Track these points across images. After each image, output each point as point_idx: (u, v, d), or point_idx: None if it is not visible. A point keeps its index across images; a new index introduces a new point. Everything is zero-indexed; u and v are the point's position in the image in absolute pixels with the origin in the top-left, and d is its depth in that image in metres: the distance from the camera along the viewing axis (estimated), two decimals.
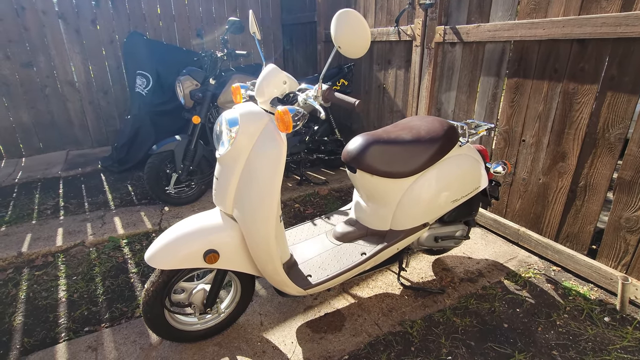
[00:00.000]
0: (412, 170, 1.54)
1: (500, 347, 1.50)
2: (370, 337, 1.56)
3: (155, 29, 4.46)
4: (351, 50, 1.05)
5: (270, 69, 1.25)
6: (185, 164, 2.70)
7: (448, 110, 2.61)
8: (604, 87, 1.71)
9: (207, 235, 1.29)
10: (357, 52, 1.05)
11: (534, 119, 2.04)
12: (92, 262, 2.13)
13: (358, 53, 1.05)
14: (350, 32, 1.01)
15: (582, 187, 1.87)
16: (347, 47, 1.04)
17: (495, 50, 2.17)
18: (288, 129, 1.08)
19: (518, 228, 2.20)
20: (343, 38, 1.02)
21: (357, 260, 1.55)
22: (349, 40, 1.02)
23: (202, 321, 1.52)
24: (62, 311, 1.74)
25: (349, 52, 1.06)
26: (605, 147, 1.74)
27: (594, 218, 1.85)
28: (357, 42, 1.02)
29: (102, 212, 2.74)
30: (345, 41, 1.03)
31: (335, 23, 1.02)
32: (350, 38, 1.02)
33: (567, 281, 1.89)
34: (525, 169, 2.13)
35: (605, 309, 1.68)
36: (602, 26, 1.62)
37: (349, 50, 1.05)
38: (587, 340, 1.52)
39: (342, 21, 1.01)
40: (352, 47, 1.04)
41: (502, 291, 1.83)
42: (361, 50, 1.04)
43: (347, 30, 1.01)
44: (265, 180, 1.21)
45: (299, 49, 4.92)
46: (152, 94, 3.62)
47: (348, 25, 1.00)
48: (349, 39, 1.02)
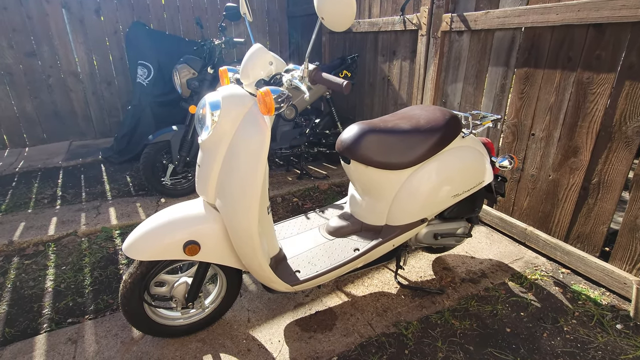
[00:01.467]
0: (409, 161, 1.45)
1: (501, 353, 1.39)
2: (362, 338, 1.47)
3: (159, 20, 4.42)
4: (335, 21, 0.96)
5: (255, 48, 1.16)
6: (182, 155, 2.63)
7: (454, 103, 2.49)
8: (622, 76, 1.58)
9: (188, 225, 1.22)
10: (342, 24, 0.96)
11: (545, 112, 1.91)
12: (83, 252, 2.08)
13: (343, 24, 0.96)
14: (334, 3, 0.91)
15: (595, 184, 1.75)
16: (331, 17, 0.94)
17: (505, 38, 2.05)
18: (270, 111, 1.00)
19: (525, 227, 2.08)
20: (326, 7, 0.93)
21: (350, 256, 1.46)
22: (333, 9, 0.93)
23: (185, 316, 1.45)
24: (47, 301, 1.70)
25: (333, 24, 0.97)
26: (622, 141, 1.62)
27: (607, 218, 1.72)
28: (341, 11, 0.93)
29: (98, 203, 2.70)
30: (329, 11, 0.93)
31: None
32: (334, 7, 0.92)
33: (577, 284, 1.77)
34: (535, 165, 2.01)
35: (617, 316, 1.56)
36: (622, 9, 1.49)
37: (332, 21, 0.96)
38: (597, 349, 1.40)
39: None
40: (336, 17, 0.94)
41: (506, 293, 1.72)
42: (347, 21, 0.95)
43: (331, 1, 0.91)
44: (247, 167, 1.13)
45: (306, 41, 4.82)
46: (153, 84, 3.57)
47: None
48: (332, 9, 0.93)
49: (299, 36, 5.00)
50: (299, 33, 4.96)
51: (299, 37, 5.01)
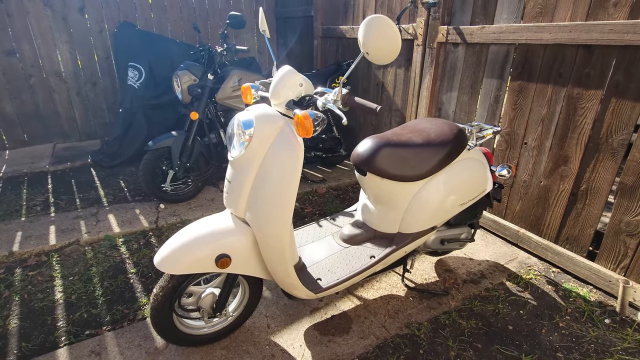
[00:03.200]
0: (422, 173, 1.54)
1: (506, 350, 1.52)
2: (378, 340, 1.56)
3: (146, 19, 4.33)
4: (380, 57, 1.02)
5: (286, 70, 1.21)
6: (182, 161, 2.63)
7: (449, 111, 2.62)
8: (609, 93, 1.73)
9: (219, 239, 1.26)
10: (385, 59, 1.03)
11: (537, 122, 2.06)
12: (89, 262, 2.06)
13: (387, 60, 1.03)
14: (380, 39, 0.98)
15: (583, 190, 1.91)
16: (376, 53, 1.01)
17: (499, 52, 2.18)
18: (308, 134, 1.06)
19: (518, 229, 2.23)
20: (372, 44, 1.00)
21: (367, 263, 1.54)
22: (379, 46, 0.99)
23: (209, 325, 1.49)
24: (60, 313, 1.68)
25: (377, 59, 1.03)
26: (608, 152, 1.78)
27: (594, 221, 1.89)
28: (387, 48, 0.99)
29: (95, 209, 2.66)
30: (375, 47, 1.00)
31: (365, 29, 0.99)
32: (380, 44, 0.99)
33: (567, 283, 1.94)
34: (527, 172, 2.16)
35: (605, 311, 1.73)
36: (610, 33, 1.64)
37: (377, 57, 1.02)
38: (590, 342, 1.56)
39: (373, 27, 0.98)
40: (381, 54, 1.01)
41: (505, 293, 1.86)
42: (390, 57, 1.02)
43: (378, 36, 0.98)
44: (282, 184, 1.18)
45: (296, 43, 4.85)
46: (145, 87, 3.52)
47: (379, 32, 0.97)
48: (378, 46, 0.99)
49: (287, 37, 5.02)
50: (288, 34, 4.98)
51: (287, 38, 5.03)
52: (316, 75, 3.24)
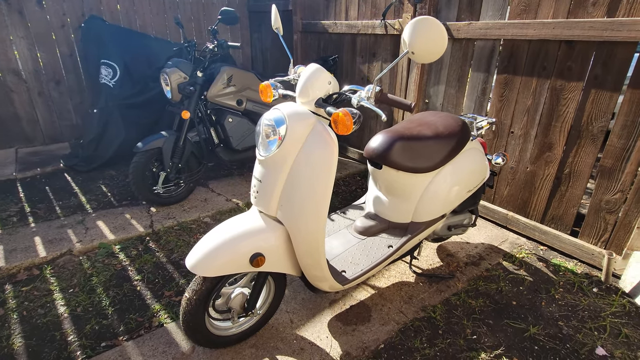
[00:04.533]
0: (434, 165, 1.62)
1: (515, 323, 1.65)
2: (398, 325, 1.64)
3: (112, 13, 4.09)
4: (424, 57, 1.06)
5: (314, 68, 1.23)
6: (174, 162, 2.55)
7: (437, 104, 2.74)
8: (589, 84, 1.91)
9: (252, 238, 1.26)
10: (429, 59, 1.07)
11: (523, 113, 2.22)
12: (88, 272, 1.96)
13: (430, 59, 1.07)
14: (428, 40, 1.02)
15: (566, 174, 2.09)
16: (421, 53, 1.05)
17: (486, 47, 2.31)
18: (349, 130, 1.08)
19: (507, 213, 2.40)
20: (419, 45, 1.03)
21: (386, 253, 1.60)
22: (425, 47, 1.03)
23: (236, 325, 1.48)
24: (69, 328, 1.60)
25: (421, 58, 1.07)
26: (589, 138, 1.96)
27: (576, 202, 2.08)
28: (433, 49, 1.03)
29: (80, 217, 2.51)
30: (421, 48, 1.04)
31: (412, 29, 1.03)
32: (426, 46, 1.03)
33: (555, 258, 2.12)
34: (514, 159, 2.33)
35: (592, 281, 1.92)
36: (590, 30, 1.80)
37: (421, 56, 1.07)
38: (584, 310, 1.73)
39: (421, 29, 1.02)
40: (426, 54, 1.05)
41: (504, 272, 2.01)
42: (437, 55, 1.06)
43: (425, 38, 1.02)
44: (317, 181, 1.20)
45: (269, 38, 4.80)
46: (121, 85, 3.34)
47: (427, 33, 1.01)
48: (425, 47, 1.03)
49: (262, 32, 4.95)
50: (263, 29, 4.91)
51: (262, 33, 4.96)
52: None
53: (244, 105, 2.88)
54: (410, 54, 1.07)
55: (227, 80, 2.72)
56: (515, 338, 1.57)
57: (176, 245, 2.23)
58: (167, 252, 2.16)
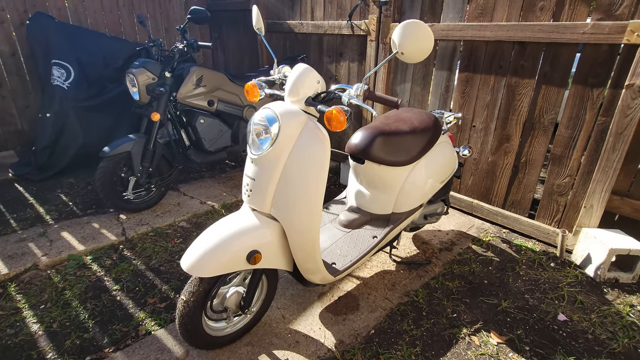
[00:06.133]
0: (412, 158, 1.73)
1: (489, 300, 1.81)
2: (385, 311, 1.73)
3: (60, 10, 3.81)
4: (412, 57, 1.14)
5: (303, 68, 1.27)
6: (145, 166, 2.46)
7: (404, 101, 2.88)
8: (540, 81, 2.12)
9: (248, 236, 1.27)
10: (417, 59, 1.15)
11: (483, 108, 2.41)
12: (59, 286, 1.84)
13: (417, 59, 1.15)
14: (416, 42, 1.10)
15: (523, 163, 2.31)
16: (410, 54, 1.13)
17: (448, 47, 2.48)
18: (342, 127, 1.14)
19: (472, 201, 2.60)
20: (408, 46, 1.11)
21: (372, 243, 1.68)
22: (414, 48, 1.11)
23: (231, 324, 1.48)
24: (46, 345, 1.50)
25: (409, 58, 1.15)
26: (541, 129, 2.18)
27: (532, 187, 2.31)
28: (421, 50, 1.11)
29: (40, 229, 2.34)
30: (410, 49, 1.11)
31: (402, 32, 1.10)
32: (415, 47, 1.11)
33: (516, 239, 2.34)
34: (476, 150, 2.52)
35: (549, 258, 2.15)
36: (539, 32, 2.01)
37: (410, 57, 1.14)
38: (544, 283, 1.94)
39: (410, 31, 1.09)
40: (414, 55, 1.13)
41: (474, 255, 2.17)
42: (422, 57, 1.14)
43: (414, 39, 1.09)
44: (312, 177, 1.24)
45: (231, 38, 4.73)
46: (76, 87, 3.14)
47: (416, 35, 1.09)
48: (413, 48, 1.11)
49: (223, 31, 4.86)
50: (223, 28, 4.83)
51: (222, 32, 4.87)
52: (268, 72, 3.25)
53: (216, 106, 2.83)
54: (399, 54, 1.15)
55: (196, 81, 2.66)
56: (490, 313, 1.73)
57: (153, 251, 2.15)
58: (145, 259, 2.08)
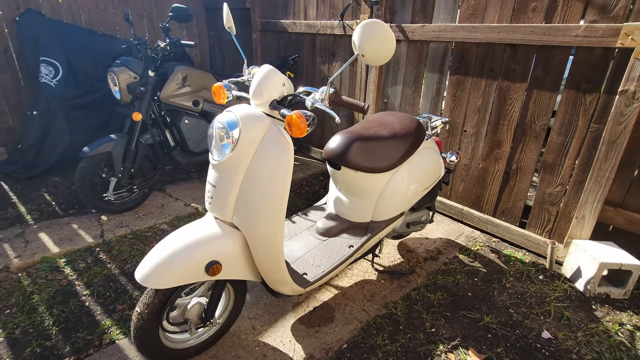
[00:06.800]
0: (391, 164, 1.65)
1: (470, 314, 1.73)
2: (361, 323, 1.65)
3: (53, 7, 3.77)
4: (374, 59, 1.07)
5: (267, 70, 1.20)
6: (126, 166, 2.41)
7: (395, 104, 2.80)
8: (531, 85, 2.03)
9: (208, 246, 1.21)
10: (379, 61, 1.08)
11: (474, 112, 2.33)
12: (27, 290, 1.80)
13: (379, 62, 1.08)
14: (376, 43, 1.03)
15: (514, 169, 2.22)
16: (371, 56, 1.06)
17: (439, 49, 2.40)
18: (303, 133, 1.07)
19: (462, 208, 2.51)
20: (368, 47, 1.04)
21: (347, 253, 1.61)
22: (374, 50, 1.04)
23: (195, 336, 1.42)
24: (5, 353, 1.45)
25: (372, 60, 1.08)
26: (532, 135, 2.09)
27: (523, 195, 2.22)
28: (382, 52, 1.04)
29: (19, 229, 2.30)
30: (370, 50, 1.04)
31: (361, 32, 1.03)
32: (375, 48, 1.04)
33: (506, 249, 2.25)
34: (467, 156, 2.43)
35: (538, 269, 2.06)
36: (531, 34, 1.92)
37: (371, 59, 1.07)
38: (531, 297, 1.85)
39: (369, 31, 1.02)
40: (376, 57, 1.06)
41: (460, 265, 2.09)
42: (383, 60, 1.07)
43: (374, 40, 1.02)
44: (274, 184, 1.18)
45: (227, 36, 4.68)
46: (64, 85, 3.10)
47: (375, 36, 1.02)
48: (374, 49, 1.04)
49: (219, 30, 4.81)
50: (219, 27, 4.77)
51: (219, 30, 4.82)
52: None
53: (201, 106, 2.78)
54: (360, 56, 1.08)
55: (182, 80, 2.60)
56: (470, 328, 1.65)
57: (130, 255, 2.10)
58: (120, 262, 2.03)
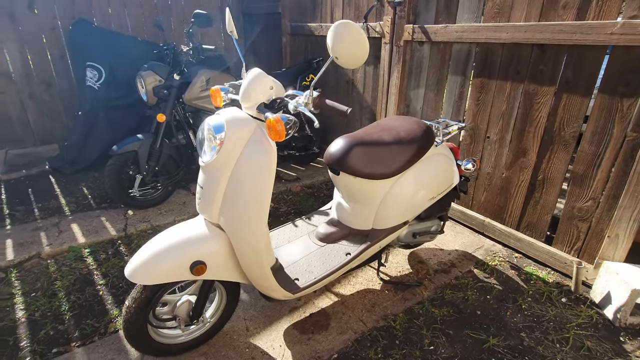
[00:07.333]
0: (393, 171, 1.58)
1: (475, 334, 1.61)
2: (356, 334, 1.60)
3: (104, 16, 4.11)
4: (348, 61, 1.04)
5: (256, 73, 1.21)
6: (151, 165, 2.55)
7: (417, 107, 2.70)
8: (561, 89, 1.85)
9: (193, 246, 1.24)
10: (354, 63, 1.05)
11: (498, 117, 2.17)
12: (52, 276, 1.96)
13: (355, 64, 1.05)
14: (348, 44, 1.00)
15: (540, 180, 2.04)
16: (345, 58, 1.03)
17: (462, 51, 2.27)
18: (281, 137, 1.06)
19: (483, 219, 2.35)
20: (341, 49, 1.01)
21: (343, 260, 1.57)
22: (347, 51, 1.01)
23: (186, 332, 1.46)
24: (24, 332, 1.60)
25: (346, 63, 1.05)
26: (561, 144, 1.91)
27: (550, 208, 2.03)
28: (355, 53, 1.01)
29: (56, 219, 2.52)
30: (343, 52, 1.02)
31: (333, 34, 1.01)
32: (348, 50, 1.01)
33: (528, 267, 2.07)
34: (490, 164, 2.28)
35: (562, 291, 1.86)
36: (560, 33, 1.75)
37: (345, 61, 1.04)
38: (549, 321, 1.68)
39: (341, 33, 1.00)
40: (349, 59, 1.03)
41: (473, 280, 1.96)
42: (359, 62, 1.04)
43: (346, 42, 1.00)
44: (257, 187, 1.18)
45: (263, 40, 4.79)
46: (106, 87, 3.36)
47: (347, 37, 0.99)
48: (347, 51, 1.01)
49: (255, 34, 4.95)
50: (256, 31, 4.91)
51: (255, 35, 4.96)
52: (286, 74, 3.23)
53: None
54: (335, 58, 1.05)
55: (205, 83, 2.71)
56: (473, 349, 1.53)
57: None
58: None
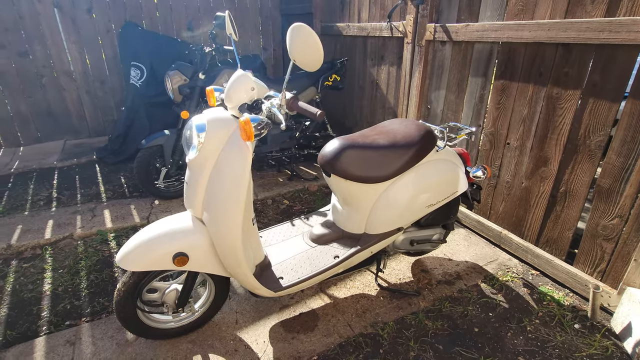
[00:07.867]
0: (386, 175, 1.54)
1: (467, 352, 1.52)
2: (341, 338, 1.59)
3: (152, 19, 4.43)
4: (305, 64, 1.04)
5: (238, 74, 1.25)
6: (175, 159, 2.72)
7: (437, 110, 2.59)
8: (587, 93, 1.68)
9: (177, 238, 1.31)
10: (311, 66, 1.05)
11: (519, 123, 2.01)
12: (79, 256, 2.18)
13: (312, 67, 1.05)
14: (302, 47, 1.00)
15: (562, 192, 1.86)
16: (301, 60, 1.03)
17: (484, 51, 2.13)
18: (250, 138, 1.09)
19: (500, 230, 2.20)
20: (297, 52, 1.02)
21: (329, 263, 1.57)
22: (302, 54, 1.02)
23: (176, 319, 1.56)
24: (46, 304, 1.80)
25: (304, 65, 1.05)
26: (586, 154, 1.72)
27: (572, 224, 1.84)
28: (310, 56, 1.01)
29: (93, 205, 2.79)
30: (299, 55, 1.02)
31: (289, 37, 1.02)
32: (303, 52, 1.01)
33: (544, 286, 1.90)
34: (509, 172, 2.12)
35: (577, 316, 1.69)
36: (586, 31, 1.58)
37: (303, 63, 1.05)
38: (555, 347, 1.53)
39: (295, 35, 1.00)
40: (305, 61, 1.03)
41: (478, 295, 1.84)
42: (315, 64, 1.04)
43: (300, 44, 1.00)
44: (231, 187, 1.22)
45: None
46: (146, 85, 3.63)
47: (300, 40, 1.00)
48: (302, 53, 1.02)
49: None
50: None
51: None
52: (309, 74, 3.25)
53: None
54: (294, 61, 1.05)
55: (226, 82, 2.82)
56: None
57: None
58: None
